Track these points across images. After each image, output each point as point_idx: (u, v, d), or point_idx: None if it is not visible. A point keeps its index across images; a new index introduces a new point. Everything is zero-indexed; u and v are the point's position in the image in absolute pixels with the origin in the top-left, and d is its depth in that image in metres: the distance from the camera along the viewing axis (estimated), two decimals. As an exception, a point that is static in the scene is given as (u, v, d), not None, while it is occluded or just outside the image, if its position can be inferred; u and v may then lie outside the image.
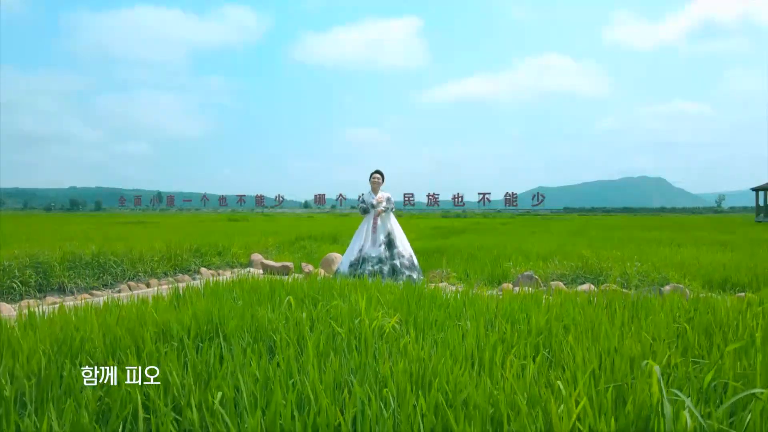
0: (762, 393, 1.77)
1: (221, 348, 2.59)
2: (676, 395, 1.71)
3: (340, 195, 74.97)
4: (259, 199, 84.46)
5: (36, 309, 3.64)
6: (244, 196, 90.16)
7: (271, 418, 1.72)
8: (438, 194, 68.29)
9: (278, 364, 2.30)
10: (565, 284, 7.17)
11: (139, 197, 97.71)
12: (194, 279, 8.20)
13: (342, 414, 1.77)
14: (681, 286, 6.44)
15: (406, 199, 67.90)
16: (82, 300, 5.66)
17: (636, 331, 2.85)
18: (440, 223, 33.62)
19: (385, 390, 1.93)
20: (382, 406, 1.79)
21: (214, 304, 3.58)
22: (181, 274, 8.52)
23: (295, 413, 1.72)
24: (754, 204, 40.06)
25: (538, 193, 70.46)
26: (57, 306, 3.97)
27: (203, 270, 8.95)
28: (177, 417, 1.90)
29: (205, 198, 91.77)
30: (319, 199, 79.34)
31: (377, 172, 7.70)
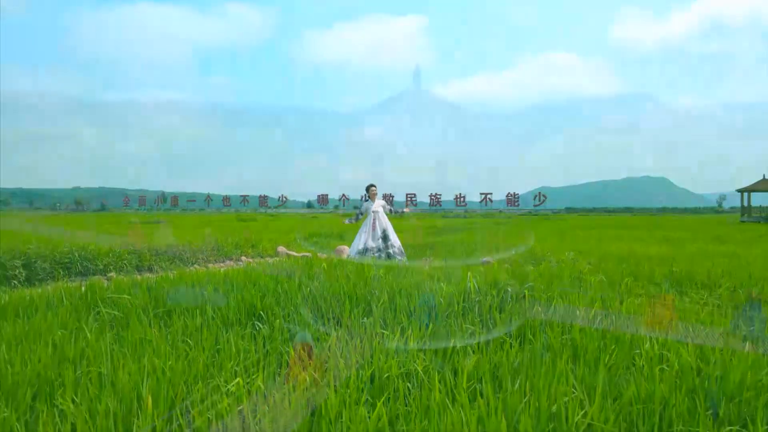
0: (534, 286, 4.47)
1: (297, 281, 5.23)
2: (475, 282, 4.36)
3: (343, 195, 76.27)
4: (263, 199, 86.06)
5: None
6: (248, 196, 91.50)
7: (334, 288, 4.39)
8: (440, 194, 70.21)
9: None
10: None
11: (143, 197, 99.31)
12: (237, 264, 10.83)
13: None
14: (587, 264, 9.06)
15: (408, 199, 69.85)
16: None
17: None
18: (439, 222, 36.24)
19: (378, 290, 4.58)
20: (374, 292, 4.44)
21: (282, 267, 6.23)
22: (227, 261, 11.18)
23: (341, 289, 4.40)
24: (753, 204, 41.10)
25: (539, 193, 72.28)
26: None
27: (243, 258, 11.60)
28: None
29: (208, 198, 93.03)
30: (322, 199, 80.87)
31: (374, 185, 10.38)
